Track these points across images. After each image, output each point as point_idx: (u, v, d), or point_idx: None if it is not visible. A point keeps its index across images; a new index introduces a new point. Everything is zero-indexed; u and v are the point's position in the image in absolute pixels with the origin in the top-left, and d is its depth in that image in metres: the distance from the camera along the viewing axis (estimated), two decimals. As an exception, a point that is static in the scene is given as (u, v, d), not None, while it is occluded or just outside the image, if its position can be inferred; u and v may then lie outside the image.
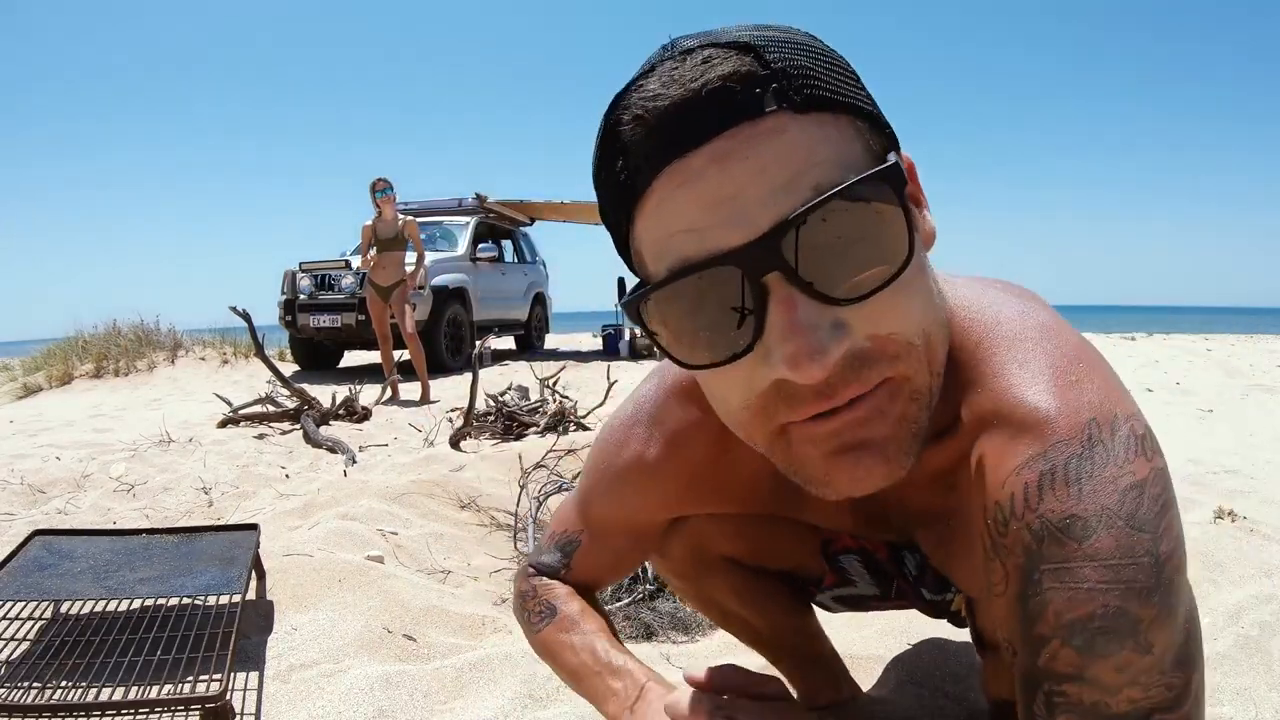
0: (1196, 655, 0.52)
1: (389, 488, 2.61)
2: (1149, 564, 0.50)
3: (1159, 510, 0.51)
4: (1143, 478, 0.51)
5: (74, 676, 1.26)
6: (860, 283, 0.47)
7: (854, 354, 0.48)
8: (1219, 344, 8.85)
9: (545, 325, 10.61)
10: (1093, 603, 0.49)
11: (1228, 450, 3.05)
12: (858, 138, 0.49)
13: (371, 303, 5.83)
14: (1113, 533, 0.50)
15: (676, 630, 1.68)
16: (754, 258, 0.46)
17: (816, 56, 0.50)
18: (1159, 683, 0.50)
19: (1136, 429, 0.53)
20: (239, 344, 8.26)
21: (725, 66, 0.46)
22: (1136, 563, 0.50)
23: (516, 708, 1.25)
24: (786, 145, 0.46)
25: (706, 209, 0.47)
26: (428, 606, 1.61)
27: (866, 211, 0.47)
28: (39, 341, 9.41)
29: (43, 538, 1.64)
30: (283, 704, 1.26)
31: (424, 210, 9.19)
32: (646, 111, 0.47)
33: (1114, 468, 0.51)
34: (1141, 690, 0.50)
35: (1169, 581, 0.50)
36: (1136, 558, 0.50)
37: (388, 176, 5.69)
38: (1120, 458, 0.52)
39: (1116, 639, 0.50)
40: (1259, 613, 1.45)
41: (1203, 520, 1.96)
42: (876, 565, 0.94)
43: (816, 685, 1.18)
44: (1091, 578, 0.49)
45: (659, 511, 0.84)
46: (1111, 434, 0.52)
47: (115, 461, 3.35)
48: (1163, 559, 0.50)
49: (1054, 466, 0.52)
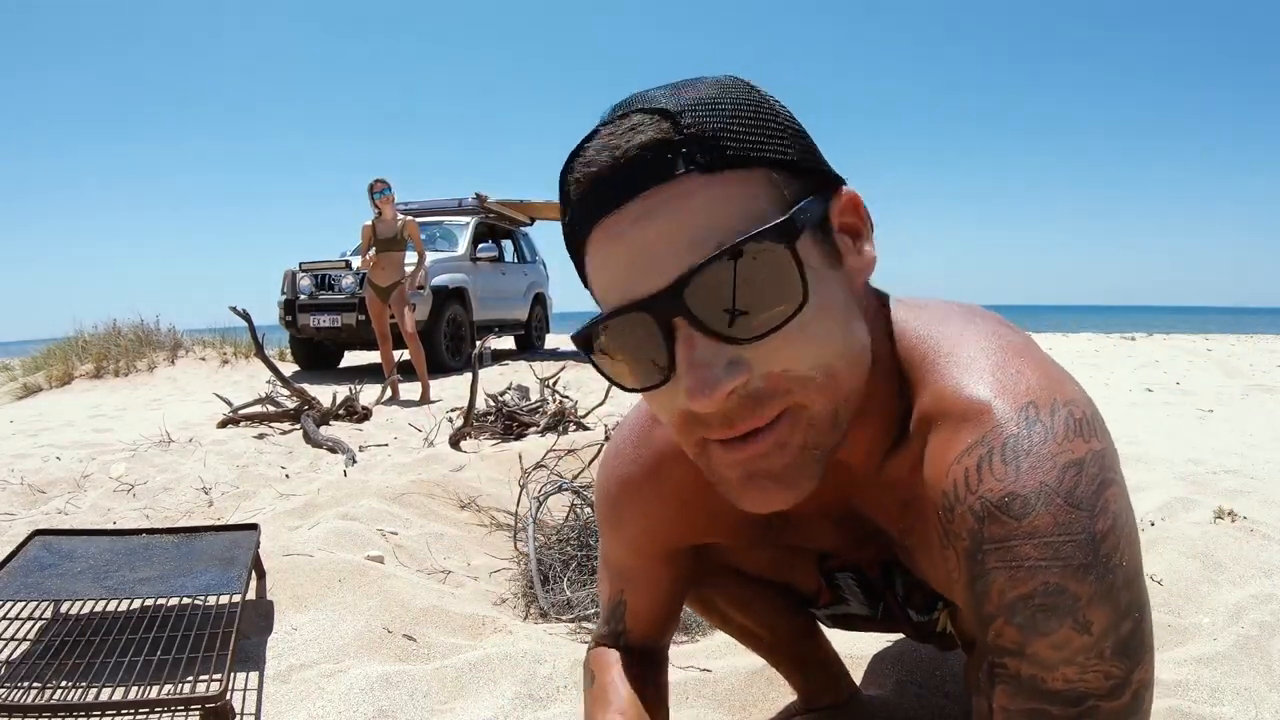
0: (1140, 651, 0.54)
1: (389, 488, 2.61)
2: (1085, 540, 0.52)
3: (1096, 489, 0.53)
4: (1080, 456, 0.54)
5: (74, 676, 1.26)
6: (757, 324, 0.53)
7: (751, 391, 0.55)
8: (1219, 344, 8.85)
9: (545, 325, 10.60)
10: (1033, 580, 0.52)
11: (1228, 450, 3.05)
12: (770, 188, 0.55)
13: (371, 303, 5.83)
14: (1051, 510, 0.52)
15: (676, 630, 1.68)
16: (661, 305, 0.53)
17: (734, 115, 0.56)
18: (1096, 667, 0.53)
19: (1075, 412, 0.56)
20: (239, 344, 8.26)
21: (645, 134, 0.54)
22: (1074, 540, 0.52)
23: (516, 708, 1.25)
24: (693, 206, 0.53)
25: (627, 262, 0.55)
26: (428, 606, 1.61)
27: (763, 260, 0.53)
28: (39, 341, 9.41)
29: (43, 538, 1.64)
30: (283, 704, 1.26)
31: (424, 210, 9.18)
32: (583, 175, 0.56)
33: (1052, 444, 0.54)
34: (1078, 670, 0.53)
35: (1106, 559, 0.52)
36: (1074, 535, 0.52)
37: (386, 177, 5.69)
38: (1059, 435, 0.54)
39: (1056, 616, 0.52)
40: (1259, 613, 1.45)
41: (1203, 520, 1.96)
42: (869, 584, 0.94)
43: (816, 687, 1.18)
44: (1031, 555, 0.52)
45: (669, 534, 0.84)
46: (1050, 415, 0.55)
47: (115, 461, 3.35)
48: (1099, 537, 0.52)
49: (992, 448, 0.55)
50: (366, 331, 6.36)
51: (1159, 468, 2.74)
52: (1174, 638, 1.42)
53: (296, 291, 7.26)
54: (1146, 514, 2.02)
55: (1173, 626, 1.45)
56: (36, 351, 8.58)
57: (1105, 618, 0.52)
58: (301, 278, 7.25)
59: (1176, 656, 1.34)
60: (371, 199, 5.69)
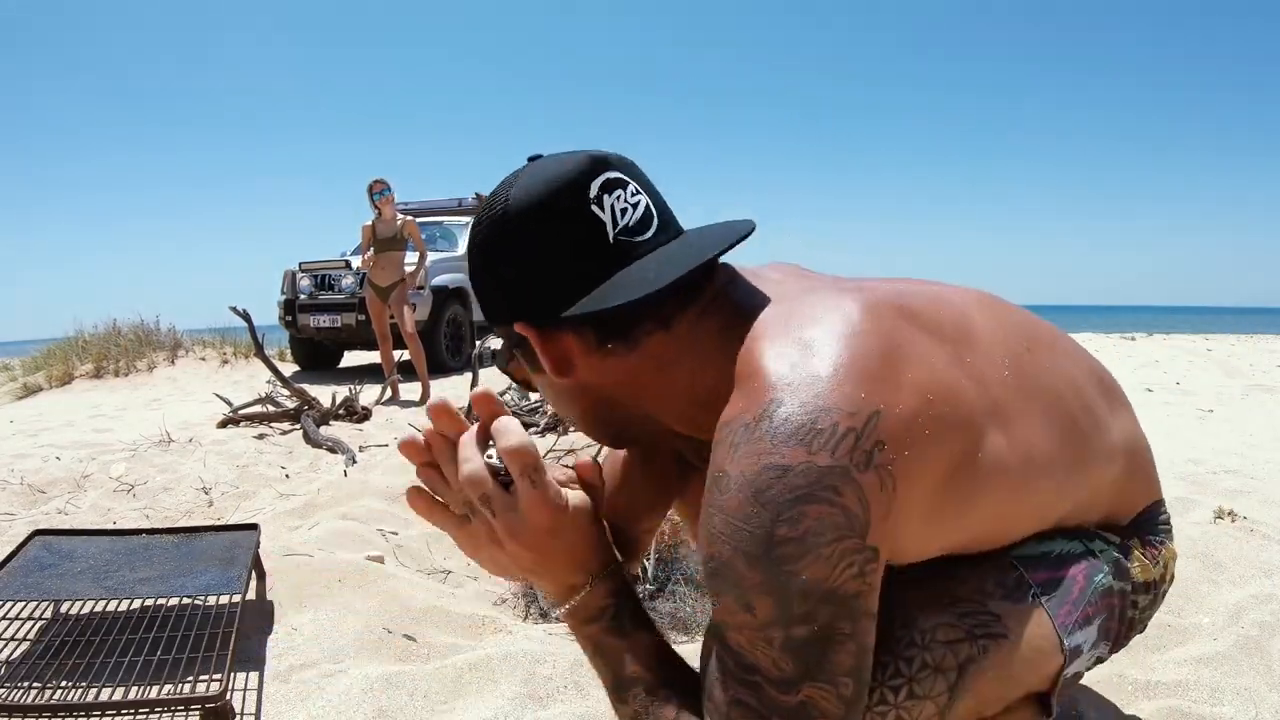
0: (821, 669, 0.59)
1: (389, 488, 2.61)
2: (760, 537, 0.58)
3: (792, 499, 0.57)
4: (788, 464, 0.58)
5: (74, 676, 1.26)
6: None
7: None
8: (1219, 344, 8.84)
9: (545, 325, 10.59)
10: (715, 545, 0.60)
11: (1228, 450, 3.05)
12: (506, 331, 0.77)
13: (371, 303, 5.83)
14: (740, 497, 0.59)
15: (676, 630, 1.68)
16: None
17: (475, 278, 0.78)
18: (764, 651, 0.59)
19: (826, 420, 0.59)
20: (239, 344, 8.26)
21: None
22: (751, 532, 0.58)
23: (516, 708, 1.25)
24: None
25: None
26: (428, 606, 1.61)
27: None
28: (39, 341, 9.41)
29: (43, 538, 1.64)
30: (283, 704, 1.26)
31: (424, 210, 9.18)
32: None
33: (767, 444, 0.59)
34: (748, 642, 0.60)
35: (779, 562, 0.57)
36: (752, 527, 0.58)
37: (385, 178, 5.69)
38: (780, 437, 0.59)
39: (725, 585, 0.60)
40: (1259, 613, 1.45)
41: (1203, 520, 1.96)
42: None
43: None
44: (719, 527, 0.60)
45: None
46: (787, 416, 0.60)
47: (115, 461, 3.35)
48: (776, 540, 0.57)
49: (735, 430, 0.62)
50: (366, 331, 6.36)
51: (1159, 468, 2.73)
52: (1174, 638, 1.42)
53: (296, 291, 7.25)
54: (1146, 514, 2.02)
55: (1173, 626, 1.45)
56: (36, 351, 8.58)
57: (769, 610, 0.58)
58: (301, 278, 7.24)
59: (1176, 656, 1.34)
60: (371, 199, 5.69)
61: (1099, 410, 0.82)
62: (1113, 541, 0.83)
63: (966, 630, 0.69)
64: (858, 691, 0.61)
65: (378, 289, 5.72)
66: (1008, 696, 0.72)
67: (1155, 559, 0.85)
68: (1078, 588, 0.76)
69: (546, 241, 0.70)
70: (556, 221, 0.70)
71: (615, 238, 0.70)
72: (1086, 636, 0.76)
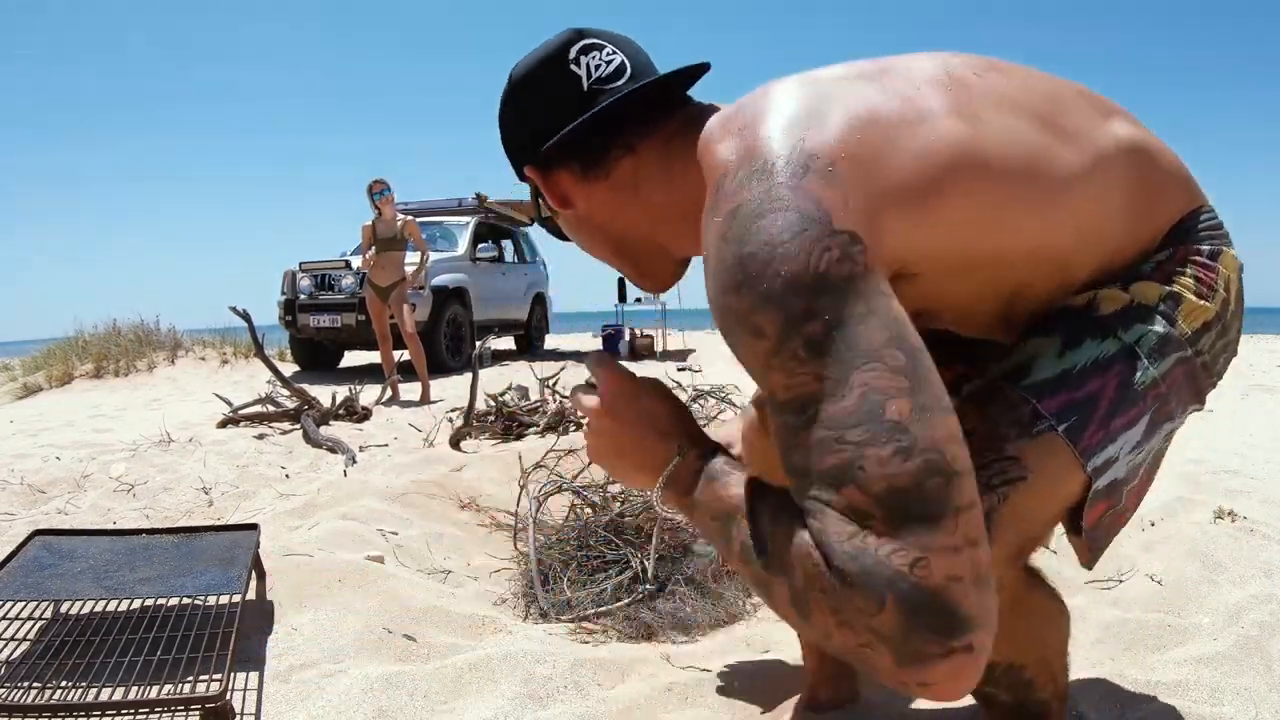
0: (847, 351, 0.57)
1: (389, 488, 2.61)
2: (733, 264, 0.63)
3: (746, 226, 0.63)
4: (739, 203, 0.65)
5: (74, 676, 1.26)
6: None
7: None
8: (1219, 344, 8.82)
9: (545, 325, 10.60)
10: (714, 307, 0.65)
11: (1228, 450, 3.04)
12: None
13: (371, 303, 5.83)
14: (712, 250, 0.66)
15: (677, 630, 1.68)
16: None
17: (503, 146, 0.93)
18: (799, 370, 0.59)
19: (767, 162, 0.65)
20: (239, 344, 8.26)
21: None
22: (727, 269, 0.64)
23: (516, 708, 1.25)
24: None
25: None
26: (428, 606, 1.61)
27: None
28: (39, 341, 9.41)
29: (43, 538, 1.64)
30: (283, 704, 1.26)
31: (424, 210, 9.18)
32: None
33: (725, 203, 0.66)
34: (785, 377, 0.60)
35: (756, 276, 0.61)
36: (726, 265, 0.64)
37: (385, 178, 5.70)
38: (730, 193, 0.66)
39: (733, 326, 0.64)
40: (1259, 613, 1.45)
41: (1203, 520, 1.96)
42: None
43: (829, 672, 1.18)
44: (710, 280, 0.66)
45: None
46: (736, 178, 0.67)
47: (115, 461, 3.35)
48: (745, 260, 0.62)
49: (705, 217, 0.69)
50: (366, 331, 6.36)
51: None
52: (1174, 638, 1.42)
53: (296, 291, 7.26)
54: (1147, 514, 2.02)
55: (1173, 626, 1.45)
56: (36, 351, 8.58)
57: (774, 320, 0.60)
58: (301, 278, 7.25)
59: (1176, 656, 1.34)
60: (371, 199, 5.69)
61: (1078, 113, 0.78)
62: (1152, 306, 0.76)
63: (984, 482, 0.67)
64: (910, 362, 0.57)
65: (378, 289, 5.72)
66: (1035, 535, 0.75)
67: (1212, 285, 0.79)
68: (1106, 401, 0.73)
69: (535, 97, 0.86)
70: (542, 80, 0.85)
71: (589, 87, 0.83)
72: (1127, 440, 0.73)
